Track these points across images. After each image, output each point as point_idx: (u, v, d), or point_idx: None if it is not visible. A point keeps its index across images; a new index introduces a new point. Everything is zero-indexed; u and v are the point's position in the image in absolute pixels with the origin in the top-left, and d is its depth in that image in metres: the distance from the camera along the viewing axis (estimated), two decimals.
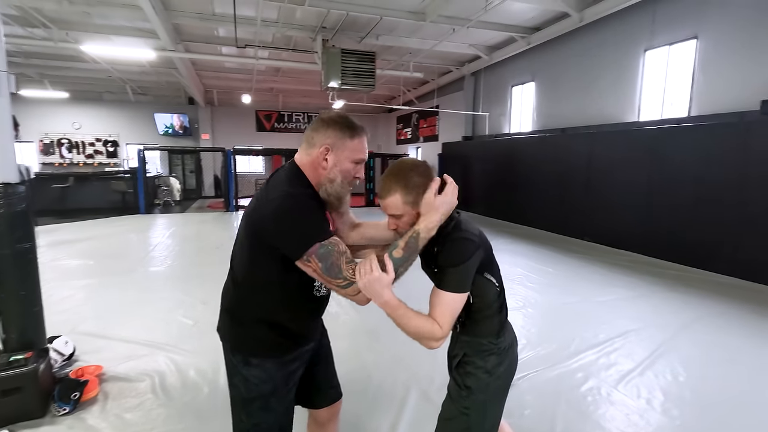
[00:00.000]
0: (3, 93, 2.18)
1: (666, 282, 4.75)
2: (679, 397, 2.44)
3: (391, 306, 1.11)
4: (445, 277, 1.15)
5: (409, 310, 1.12)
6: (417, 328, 1.11)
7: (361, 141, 1.23)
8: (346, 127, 1.20)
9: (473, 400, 1.26)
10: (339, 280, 1.12)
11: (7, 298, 2.26)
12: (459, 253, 1.15)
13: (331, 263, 1.10)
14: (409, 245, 1.14)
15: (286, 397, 1.31)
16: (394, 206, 1.20)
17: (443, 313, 1.13)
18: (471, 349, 1.29)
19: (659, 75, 6.37)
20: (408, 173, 1.19)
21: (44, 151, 14.35)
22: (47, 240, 6.75)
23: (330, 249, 1.11)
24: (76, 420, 2.15)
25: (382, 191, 1.21)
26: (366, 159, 1.26)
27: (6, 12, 6.90)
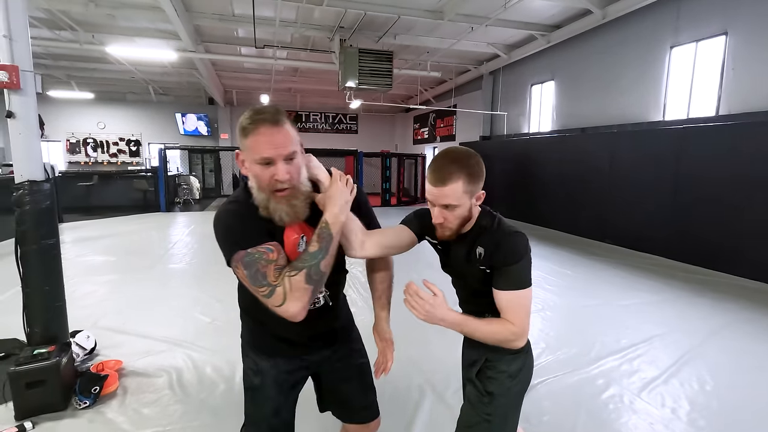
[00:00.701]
0: (29, 93, 2.24)
1: (691, 286, 4.59)
2: (706, 406, 2.34)
3: (457, 325, 1.10)
4: (509, 276, 1.11)
5: (476, 322, 1.11)
6: (494, 336, 1.11)
7: (258, 135, 1.00)
8: (241, 126, 1.03)
9: (495, 406, 1.22)
10: (263, 288, 1.03)
11: (32, 292, 2.32)
12: (518, 248, 1.12)
13: (256, 270, 1.03)
14: (322, 236, 1.06)
15: (276, 397, 1.26)
16: (453, 195, 1.09)
17: (517, 312, 1.11)
18: (494, 354, 1.24)
19: (686, 73, 6.16)
20: (469, 159, 1.11)
21: (70, 150, 14.79)
22: (72, 236, 6.95)
23: (256, 257, 1.04)
24: (96, 414, 2.19)
25: (441, 176, 1.09)
26: (273, 156, 1.01)
27: (35, 15, 7.13)
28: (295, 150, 1.05)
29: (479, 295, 1.23)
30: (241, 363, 1.34)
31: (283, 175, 1.02)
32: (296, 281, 1.03)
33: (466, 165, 1.10)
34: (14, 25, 2.17)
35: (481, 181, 1.14)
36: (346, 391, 1.39)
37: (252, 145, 1.01)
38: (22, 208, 2.25)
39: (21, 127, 2.23)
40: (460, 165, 1.10)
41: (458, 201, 1.11)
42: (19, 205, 2.24)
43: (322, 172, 1.15)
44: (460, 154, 1.12)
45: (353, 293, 4.06)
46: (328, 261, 1.07)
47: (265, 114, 1.02)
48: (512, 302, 1.11)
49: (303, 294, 1.03)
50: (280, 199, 1.06)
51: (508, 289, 1.11)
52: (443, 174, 1.09)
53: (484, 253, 1.15)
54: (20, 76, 2.16)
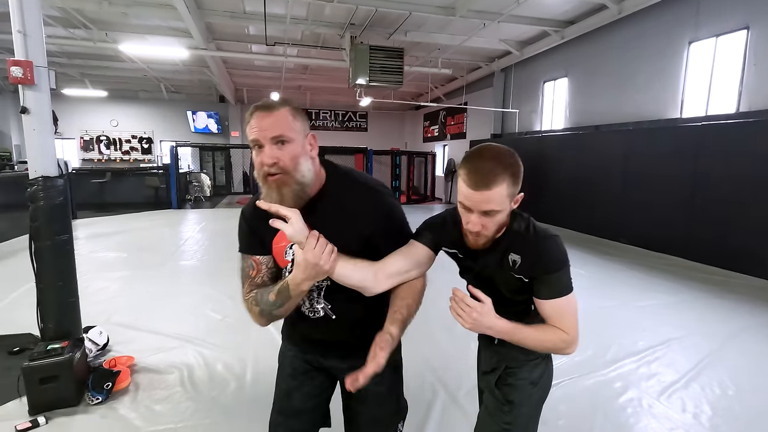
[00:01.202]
0: (43, 88, 2.24)
1: (710, 287, 4.48)
2: (728, 411, 2.27)
3: (507, 333, 1.04)
4: (551, 284, 1.05)
5: (527, 330, 1.05)
6: (544, 344, 1.07)
7: (253, 119, 1.01)
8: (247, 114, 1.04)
9: (516, 415, 1.16)
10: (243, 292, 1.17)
11: (46, 288, 2.33)
12: (559, 254, 1.05)
13: (241, 276, 1.19)
14: (281, 292, 1.03)
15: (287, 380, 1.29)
16: (498, 199, 0.97)
17: (565, 319, 1.05)
18: (515, 360, 1.18)
19: (705, 68, 6.01)
20: (512, 158, 0.99)
21: (84, 147, 14.99)
22: (85, 233, 7.04)
23: (241, 266, 1.19)
24: (108, 409, 2.20)
25: (484, 178, 0.95)
26: (259, 138, 1.00)
27: (50, 13, 7.21)
28: (284, 134, 1.00)
29: (508, 304, 1.14)
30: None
31: (267, 157, 0.99)
32: (253, 310, 1.11)
33: (509, 164, 0.98)
34: (28, 21, 2.18)
35: (521, 180, 1.02)
36: (354, 411, 1.26)
37: (248, 130, 1.03)
38: (35, 204, 2.25)
39: (35, 123, 2.23)
40: (503, 165, 0.97)
41: (501, 206, 0.99)
42: (33, 200, 2.25)
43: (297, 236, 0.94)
44: (501, 152, 1.00)
45: None
46: (284, 312, 1.09)
47: (264, 102, 1.04)
48: (559, 310, 1.05)
49: (258, 319, 1.12)
50: (270, 184, 1.02)
51: (552, 297, 1.05)
52: (487, 176, 0.96)
53: (521, 262, 1.06)
54: (34, 72, 2.16)
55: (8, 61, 2.12)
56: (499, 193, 0.97)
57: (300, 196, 1.05)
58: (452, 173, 13.34)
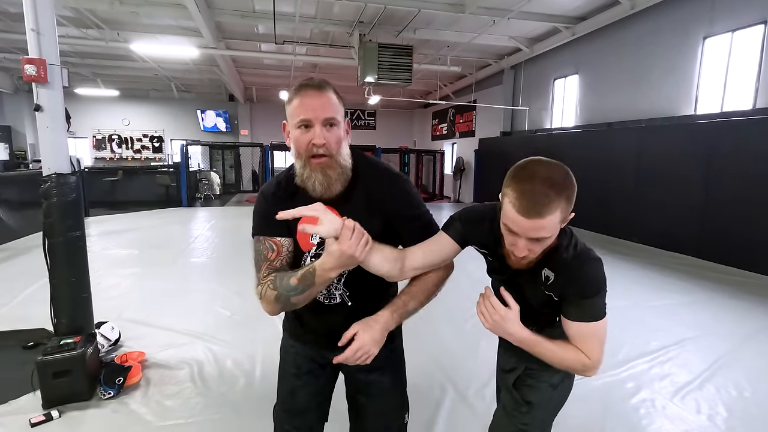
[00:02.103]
0: (56, 86, 2.26)
1: (725, 288, 4.40)
2: (745, 412, 2.22)
3: (527, 344, 1.00)
4: (584, 309, 0.99)
5: (548, 345, 1.00)
6: (563, 363, 1.01)
7: (302, 98, 0.99)
8: (292, 91, 1.04)
9: (533, 416, 1.14)
10: (256, 277, 1.11)
11: (59, 284, 2.36)
12: (598, 280, 0.99)
13: (256, 260, 1.12)
14: (305, 277, 1.00)
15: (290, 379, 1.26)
16: (550, 227, 0.90)
17: (590, 344, 0.99)
18: (537, 362, 1.10)
19: (720, 64, 5.89)
20: (567, 180, 0.91)
21: (97, 146, 15.20)
22: (98, 230, 7.13)
23: (258, 248, 1.12)
24: (119, 404, 2.22)
25: (537, 206, 0.87)
26: (310, 118, 0.99)
27: (63, 14, 7.31)
28: (335, 116, 1.01)
29: (534, 314, 1.11)
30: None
31: (319, 138, 0.99)
32: (269, 294, 1.05)
33: (564, 188, 0.89)
34: (42, 20, 2.20)
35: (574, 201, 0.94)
36: (360, 403, 1.27)
37: (293, 109, 1.01)
38: (49, 201, 2.28)
39: (48, 121, 2.26)
40: (558, 189, 0.88)
41: (553, 232, 0.92)
42: (47, 197, 2.28)
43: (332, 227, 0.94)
44: (556, 174, 0.90)
45: None
46: (302, 299, 1.03)
47: (310, 81, 1.03)
48: (586, 335, 0.99)
49: (270, 307, 1.07)
50: (315, 166, 1.03)
51: (581, 321, 0.99)
52: (541, 203, 0.87)
53: (554, 279, 1.00)
54: (47, 70, 2.18)
55: (22, 59, 2.15)
56: (551, 221, 0.89)
57: (341, 179, 1.05)
58: (461, 171, 13.27)
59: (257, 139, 15.53)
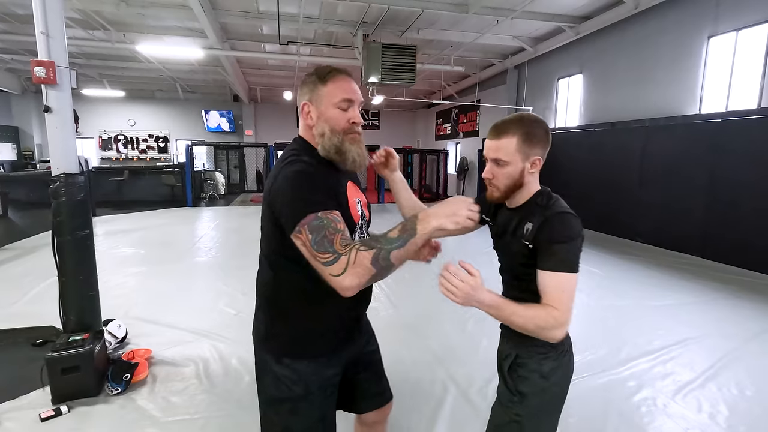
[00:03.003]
0: (65, 87, 2.31)
1: (730, 288, 4.38)
2: (747, 413, 2.23)
3: (497, 307, 1.01)
4: (554, 255, 1.04)
5: (518, 307, 1.02)
6: (533, 321, 1.02)
7: (337, 81, 1.12)
8: (316, 76, 1.13)
9: (526, 406, 1.16)
10: (327, 255, 0.95)
11: (67, 281, 2.40)
12: (571, 227, 1.06)
13: (323, 236, 0.96)
14: (406, 228, 0.97)
15: (322, 404, 1.18)
16: (505, 149, 1.11)
17: (559, 296, 1.03)
18: (526, 351, 1.17)
19: (725, 63, 5.87)
20: (532, 123, 1.12)
21: (103, 146, 15.32)
22: (104, 229, 7.21)
23: (325, 223, 0.97)
24: (126, 400, 2.26)
25: (497, 130, 1.12)
26: (353, 98, 1.13)
27: (70, 16, 7.39)
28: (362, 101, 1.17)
29: (521, 279, 1.16)
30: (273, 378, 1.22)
31: (359, 118, 1.15)
32: (362, 257, 0.94)
33: (525, 124, 1.11)
34: (51, 23, 2.24)
35: (540, 147, 1.12)
36: (365, 379, 1.38)
37: (332, 90, 1.11)
38: (58, 200, 2.32)
39: (57, 122, 2.30)
40: (519, 123, 1.11)
41: (509, 158, 1.11)
42: (56, 196, 2.32)
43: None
44: (524, 115, 1.14)
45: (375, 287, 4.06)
46: (401, 255, 0.96)
47: (335, 67, 1.15)
48: (556, 285, 1.03)
49: (364, 273, 0.94)
50: (352, 141, 1.14)
51: (552, 269, 1.03)
52: (500, 128, 1.12)
53: (532, 229, 1.10)
54: (56, 72, 2.23)
55: (32, 61, 2.19)
56: (507, 144, 1.10)
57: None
58: (464, 171, 13.26)
59: (261, 140, 15.61)
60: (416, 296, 3.79)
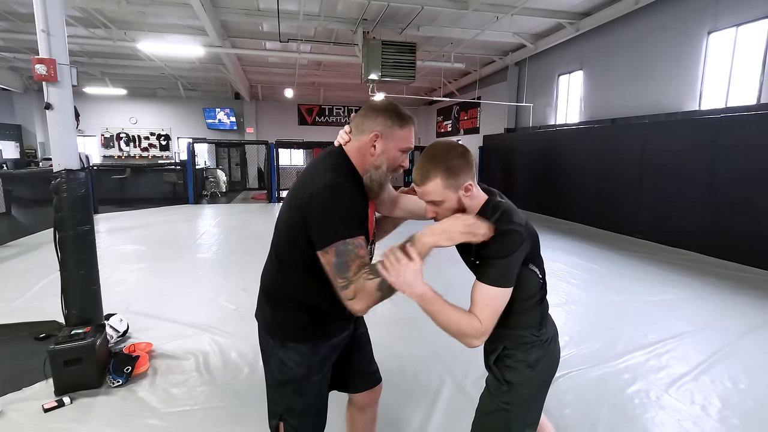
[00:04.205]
0: (66, 85, 2.34)
1: (728, 283, 4.40)
2: (739, 405, 2.25)
3: (427, 299, 1.04)
4: (488, 270, 1.08)
5: (446, 305, 1.06)
6: (456, 324, 1.05)
7: (410, 130, 1.23)
8: (396, 115, 1.20)
9: (514, 395, 1.20)
10: (342, 280, 1.09)
11: (69, 276, 2.44)
12: (505, 245, 1.08)
13: (344, 261, 1.08)
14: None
15: (320, 381, 1.31)
16: (434, 192, 1.12)
17: (484, 308, 1.06)
18: (511, 342, 1.22)
19: (725, 59, 5.86)
20: (446, 155, 1.12)
21: (105, 144, 15.40)
22: (106, 227, 7.26)
23: (350, 249, 1.09)
24: (128, 392, 2.30)
25: (420, 177, 1.12)
26: (412, 148, 1.25)
27: (71, 14, 7.43)
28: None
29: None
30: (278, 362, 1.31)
31: (407, 163, 1.28)
32: (369, 285, 1.07)
33: (443, 161, 1.10)
34: (51, 21, 2.27)
35: (464, 172, 1.11)
36: (360, 357, 1.48)
37: (406, 135, 1.22)
38: (59, 196, 2.36)
39: (58, 119, 2.33)
40: (436, 162, 1.11)
41: (441, 197, 1.12)
42: (57, 192, 2.36)
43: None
44: (438, 150, 1.13)
45: None
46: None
47: (411, 117, 1.24)
48: (484, 297, 1.07)
49: (371, 298, 1.08)
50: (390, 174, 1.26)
51: (485, 282, 1.08)
52: (421, 173, 1.13)
53: (476, 246, 1.12)
54: (57, 69, 2.26)
55: (33, 59, 2.22)
56: (434, 187, 1.11)
57: None
58: None
59: (263, 137, 15.65)
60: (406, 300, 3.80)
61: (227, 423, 2.06)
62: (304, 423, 1.31)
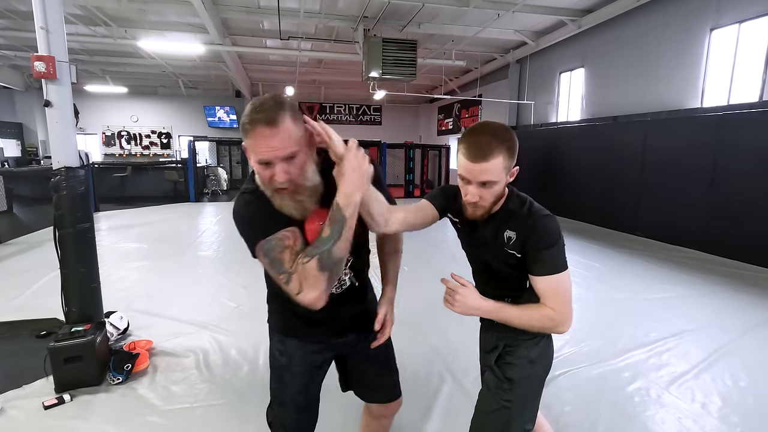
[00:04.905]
0: (65, 82, 2.33)
1: (729, 281, 4.39)
2: (740, 403, 2.24)
3: (495, 312, 1.09)
4: (544, 261, 1.08)
5: (514, 310, 1.10)
6: (530, 321, 1.09)
7: (255, 136, 0.95)
8: (242, 124, 0.99)
9: (515, 392, 1.19)
10: (282, 276, 1.01)
11: (69, 274, 2.44)
12: (548, 234, 1.09)
13: (274, 257, 1.02)
14: (334, 219, 0.98)
15: (304, 375, 1.28)
16: (494, 170, 1.05)
17: (553, 298, 1.08)
18: (513, 340, 1.22)
19: (727, 56, 5.83)
20: (507, 133, 1.07)
21: (106, 142, 15.40)
22: (107, 224, 7.27)
23: (273, 244, 1.02)
24: (128, 389, 2.30)
25: (481, 151, 1.03)
26: (269, 158, 0.96)
27: (72, 12, 7.42)
28: (293, 149, 0.98)
29: (502, 279, 1.21)
30: (264, 346, 1.38)
31: (281, 176, 0.98)
32: (308, 268, 0.98)
33: (505, 139, 1.06)
34: (50, 18, 2.27)
35: (516, 155, 1.10)
36: (370, 370, 1.40)
37: (250, 145, 0.98)
38: (59, 193, 2.36)
39: (57, 116, 2.33)
40: (500, 139, 1.05)
41: (498, 177, 1.07)
42: (57, 190, 2.36)
43: (339, 146, 1.00)
44: (498, 127, 1.08)
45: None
46: (342, 245, 0.99)
47: (262, 113, 0.95)
48: (551, 287, 1.08)
49: (317, 281, 0.98)
50: (283, 196, 1.04)
51: (545, 273, 1.08)
52: (484, 148, 1.04)
53: (515, 238, 1.11)
54: (56, 67, 2.25)
55: (32, 56, 2.22)
56: (495, 165, 1.05)
57: (315, 195, 1.08)
58: None
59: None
60: (414, 291, 3.81)
61: (227, 420, 2.06)
62: (284, 414, 1.31)
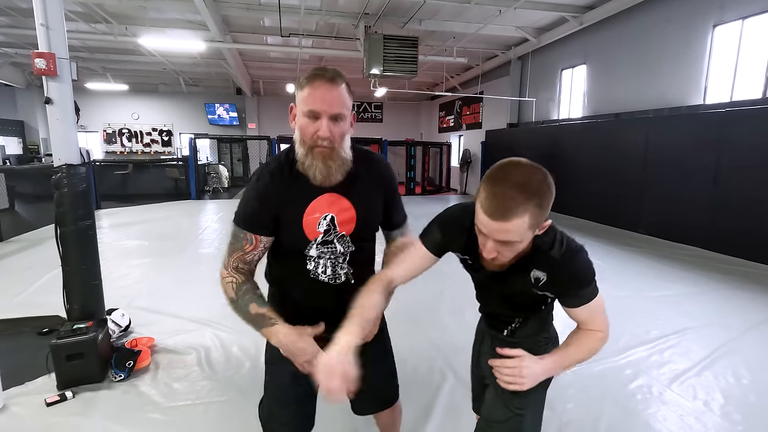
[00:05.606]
0: (65, 80, 2.33)
1: (732, 279, 4.37)
2: (742, 400, 2.24)
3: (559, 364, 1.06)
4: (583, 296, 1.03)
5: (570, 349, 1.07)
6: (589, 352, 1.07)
7: (314, 89, 1.01)
8: (300, 80, 1.06)
9: (530, 400, 1.15)
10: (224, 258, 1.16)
11: (71, 271, 2.44)
12: (589, 268, 1.01)
13: (230, 244, 1.15)
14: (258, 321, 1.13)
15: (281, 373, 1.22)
16: (516, 231, 0.86)
17: (595, 320, 1.06)
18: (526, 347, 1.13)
19: (730, 53, 5.80)
20: (540, 185, 0.86)
21: (107, 140, 15.42)
22: (109, 222, 7.28)
23: (238, 237, 1.13)
24: (129, 386, 2.31)
25: (502, 208, 0.84)
26: (320, 110, 1.01)
27: (72, 9, 7.41)
28: (342, 112, 1.04)
29: (518, 308, 1.17)
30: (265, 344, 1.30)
31: (324, 131, 1.02)
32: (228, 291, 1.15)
33: (536, 193, 0.85)
34: (51, 14, 2.26)
35: (549, 207, 0.90)
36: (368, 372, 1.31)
37: (304, 97, 1.03)
38: (60, 191, 2.36)
39: (58, 113, 2.33)
40: (528, 194, 0.84)
41: (520, 237, 0.88)
42: (58, 187, 2.35)
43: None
44: (529, 177, 0.86)
45: None
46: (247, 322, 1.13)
47: (325, 72, 1.04)
48: (590, 312, 1.05)
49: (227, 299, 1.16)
50: (317, 155, 1.06)
51: (584, 305, 1.03)
52: (506, 204, 0.84)
53: (545, 279, 1.01)
54: (57, 63, 2.25)
55: (33, 53, 2.21)
56: (518, 225, 0.85)
57: (342, 170, 1.11)
58: (468, 164, 13.23)
59: (264, 132, 15.61)
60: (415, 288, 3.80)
61: (229, 417, 2.06)
62: (269, 406, 1.29)
